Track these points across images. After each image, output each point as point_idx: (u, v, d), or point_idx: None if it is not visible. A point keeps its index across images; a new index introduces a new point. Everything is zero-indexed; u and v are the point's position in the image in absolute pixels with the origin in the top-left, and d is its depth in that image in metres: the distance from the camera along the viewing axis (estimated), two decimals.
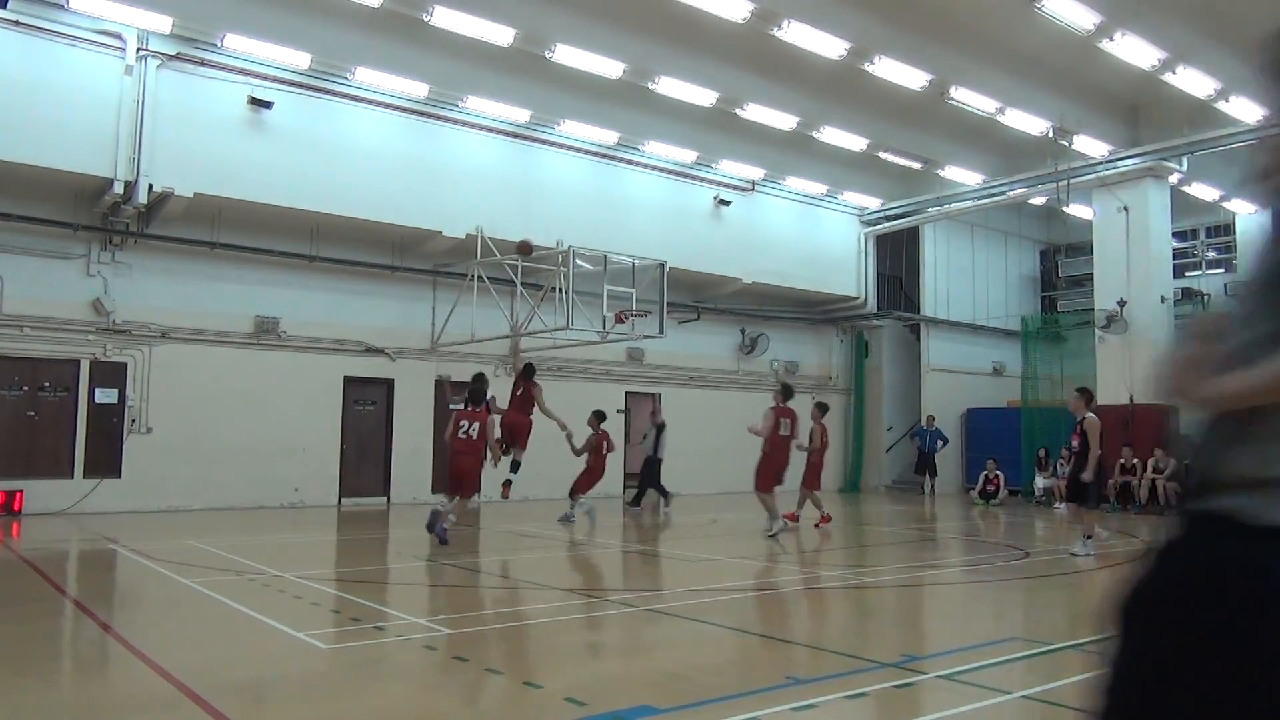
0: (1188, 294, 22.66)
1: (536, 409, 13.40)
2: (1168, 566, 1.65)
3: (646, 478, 16.89)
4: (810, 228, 23.26)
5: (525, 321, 17.11)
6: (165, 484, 15.42)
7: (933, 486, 21.77)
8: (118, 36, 14.40)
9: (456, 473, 11.60)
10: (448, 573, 9.81)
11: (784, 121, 18.89)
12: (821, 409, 15.15)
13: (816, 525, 14.05)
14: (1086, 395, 12.08)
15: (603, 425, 15.48)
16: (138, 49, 14.51)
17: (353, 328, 17.54)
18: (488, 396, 12.47)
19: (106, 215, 15.13)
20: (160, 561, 9.69)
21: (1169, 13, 15.52)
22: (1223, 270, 24.78)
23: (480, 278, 17.15)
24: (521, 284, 16.90)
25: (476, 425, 11.64)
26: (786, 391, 13.62)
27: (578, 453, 14.89)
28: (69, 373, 15.05)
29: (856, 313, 24.50)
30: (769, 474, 12.96)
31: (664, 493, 16.45)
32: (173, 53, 14.84)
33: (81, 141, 14.05)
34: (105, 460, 15.14)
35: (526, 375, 13.72)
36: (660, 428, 17.12)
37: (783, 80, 17.68)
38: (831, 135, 19.72)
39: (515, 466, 13.28)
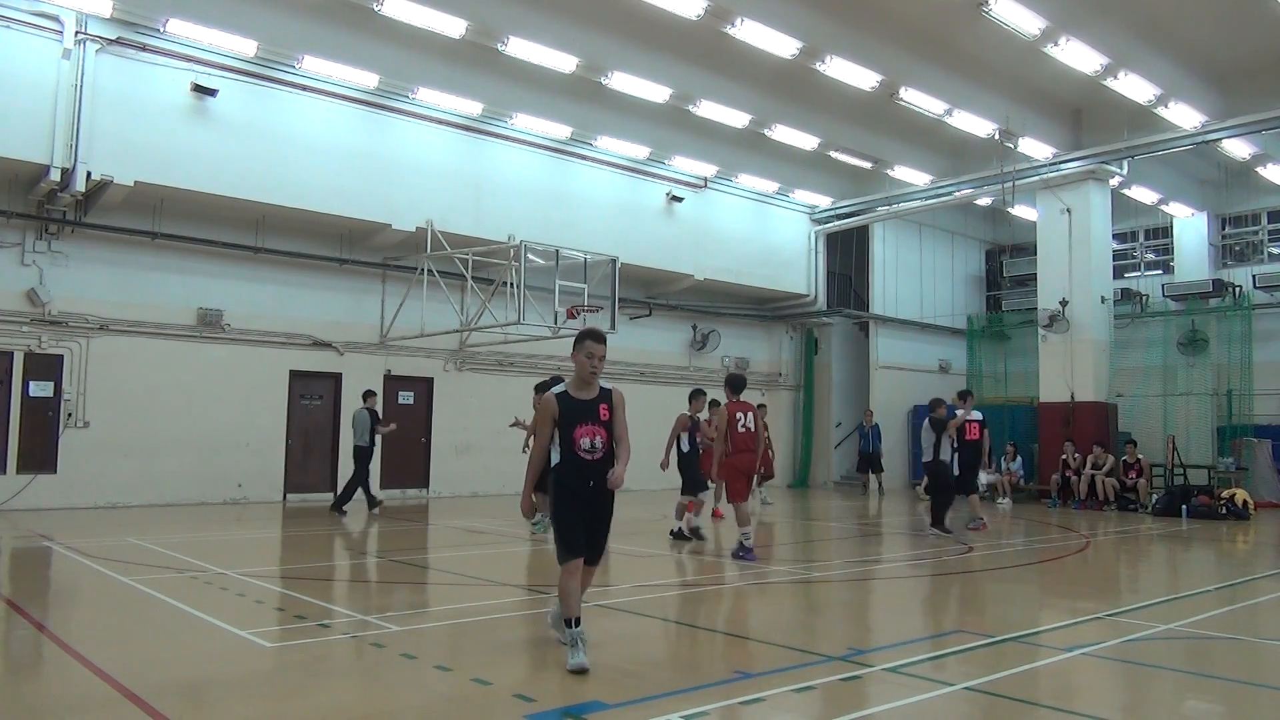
0: (1127, 294, 23.23)
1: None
2: None
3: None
4: (761, 225, 23.42)
5: (476, 316, 17.00)
6: (103, 480, 15.05)
7: (880, 483, 21.86)
8: (55, 19, 13.99)
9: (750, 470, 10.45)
10: (395, 569, 9.72)
11: (736, 119, 18.98)
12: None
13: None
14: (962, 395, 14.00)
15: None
16: (76, 32, 14.10)
17: (299, 321, 17.26)
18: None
19: (42, 203, 14.71)
20: (98, 559, 9.46)
21: (1112, 20, 15.90)
22: (1160, 272, 25.45)
23: (430, 271, 17.01)
24: (472, 278, 16.77)
25: (752, 416, 10.30)
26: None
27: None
28: (1, 365, 14.60)
29: (806, 310, 24.75)
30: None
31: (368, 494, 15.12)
32: (113, 37, 14.45)
33: (16, 126, 13.62)
34: (40, 455, 14.72)
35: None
36: (372, 414, 15.22)
37: (735, 78, 17.78)
38: (783, 133, 19.86)
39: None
